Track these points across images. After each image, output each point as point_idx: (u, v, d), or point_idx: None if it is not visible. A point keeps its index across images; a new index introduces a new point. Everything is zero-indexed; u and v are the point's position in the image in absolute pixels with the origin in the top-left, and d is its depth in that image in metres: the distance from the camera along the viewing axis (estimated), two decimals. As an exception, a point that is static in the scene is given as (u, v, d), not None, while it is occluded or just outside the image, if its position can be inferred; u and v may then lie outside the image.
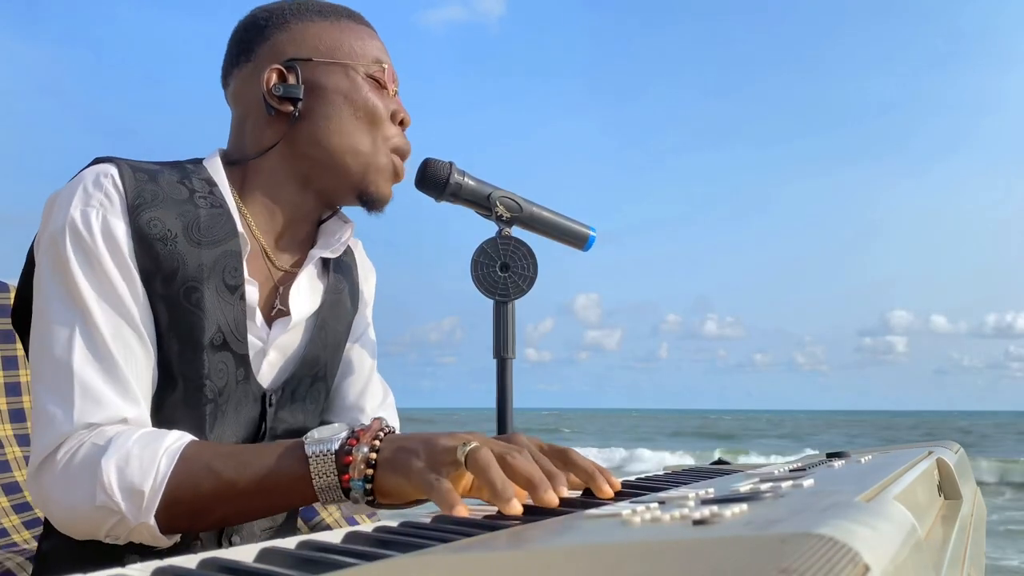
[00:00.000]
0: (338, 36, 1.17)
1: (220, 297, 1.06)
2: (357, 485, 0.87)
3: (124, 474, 0.92)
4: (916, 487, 0.78)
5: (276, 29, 1.17)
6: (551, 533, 0.49)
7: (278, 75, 1.14)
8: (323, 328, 1.21)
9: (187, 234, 1.04)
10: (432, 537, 0.58)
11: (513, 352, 1.44)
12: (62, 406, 0.96)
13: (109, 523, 0.93)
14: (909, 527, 0.44)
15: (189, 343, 1.04)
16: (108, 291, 1.00)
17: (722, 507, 0.46)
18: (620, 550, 0.35)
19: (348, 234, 1.22)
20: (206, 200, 1.08)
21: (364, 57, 1.17)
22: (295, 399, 1.18)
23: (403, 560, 0.42)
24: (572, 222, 1.48)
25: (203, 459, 0.94)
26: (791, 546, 0.31)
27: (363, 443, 0.87)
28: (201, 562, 0.49)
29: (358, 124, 1.15)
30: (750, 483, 0.70)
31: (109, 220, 1.01)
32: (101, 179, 1.03)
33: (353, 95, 1.15)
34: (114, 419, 0.97)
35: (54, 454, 0.96)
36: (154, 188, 1.04)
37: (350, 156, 1.15)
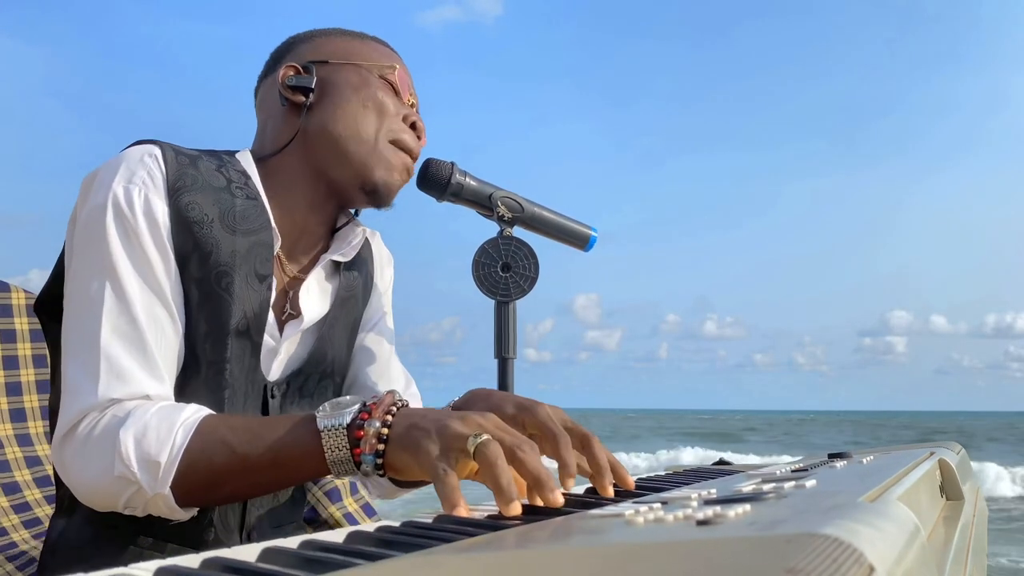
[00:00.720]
0: (358, 46, 1.23)
1: (249, 285, 1.08)
2: (368, 459, 0.87)
3: (141, 445, 0.93)
4: (919, 488, 0.78)
5: (301, 42, 1.24)
6: (554, 534, 0.49)
7: (294, 71, 1.20)
8: (332, 327, 1.23)
9: (223, 220, 1.06)
10: (435, 537, 0.58)
11: (515, 352, 1.44)
12: (88, 379, 0.98)
13: (127, 493, 0.95)
14: (912, 528, 0.44)
15: (216, 326, 1.06)
16: (144, 268, 1.02)
17: (725, 507, 0.46)
18: (624, 550, 0.35)
19: (360, 238, 1.25)
20: (242, 191, 1.11)
21: (388, 63, 1.22)
22: (303, 395, 1.20)
23: (406, 560, 0.42)
24: (573, 222, 1.48)
25: (218, 432, 0.95)
26: (796, 546, 0.31)
27: (375, 417, 0.87)
28: (204, 561, 0.49)
29: (365, 113, 1.18)
30: (752, 483, 0.69)
31: (151, 199, 1.03)
32: (145, 158, 1.05)
33: (363, 89, 1.19)
34: (137, 395, 0.99)
35: (76, 426, 0.98)
36: (194, 173, 1.07)
37: (353, 142, 1.17)
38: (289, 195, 1.18)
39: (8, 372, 1.67)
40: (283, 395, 1.17)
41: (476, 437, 0.79)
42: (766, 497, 0.54)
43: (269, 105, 1.22)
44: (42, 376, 1.72)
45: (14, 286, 1.73)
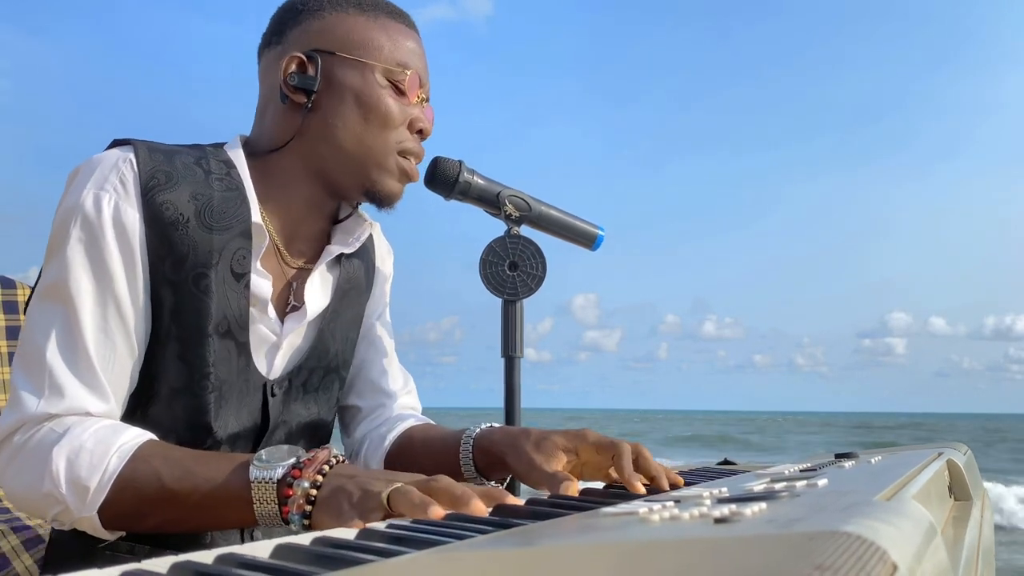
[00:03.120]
0: (369, 33, 1.15)
1: (227, 284, 1.06)
2: (295, 519, 0.86)
3: (73, 466, 0.92)
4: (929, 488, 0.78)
5: (310, 15, 1.16)
6: (568, 531, 0.48)
7: (298, 64, 1.13)
8: (334, 320, 1.22)
9: (199, 218, 1.04)
10: (447, 534, 0.58)
11: (521, 351, 1.44)
12: (30, 391, 0.97)
13: (54, 510, 0.94)
14: (929, 526, 0.44)
15: (195, 329, 1.04)
16: (103, 282, 1.00)
17: (741, 506, 0.46)
18: (643, 548, 0.35)
19: (366, 233, 1.23)
20: (222, 182, 1.08)
21: (390, 59, 1.15)
22: (307, 391, 1.19)
23: (418, 557, 0.42)
24: (581, 221, 1.48)
25: (152, 462, 0.93)
26: (820, 544, 0.30)
27: (304, 478, 0.86)
28: (218, 557, 0.49)
29: (367, 125, 1.14)
30: (763, 483, 0.69)
31: (121, 206, 1.01)
32: (119, 163, 1.02)
33: (366, 96, 1.13)
34: (76, 411, 0.97)
35: (11, 436, 0.97)
36: (168, 170, 1.04)
37: (356, 155, 1.14)
38: (285, 192, 1.15)
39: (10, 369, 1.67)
40: (285, 392, 1.15)
41: (389, 485, 0.80)
42: (780, 496, 0.54)
43: (270, 86, 1.17)
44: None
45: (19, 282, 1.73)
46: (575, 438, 1.06)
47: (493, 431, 1.16)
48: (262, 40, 1.20)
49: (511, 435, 1.12)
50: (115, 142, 1.08)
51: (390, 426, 1.29)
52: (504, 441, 1.12)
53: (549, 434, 1.08)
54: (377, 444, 1.29)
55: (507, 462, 1.10)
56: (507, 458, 1.10)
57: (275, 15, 1.20)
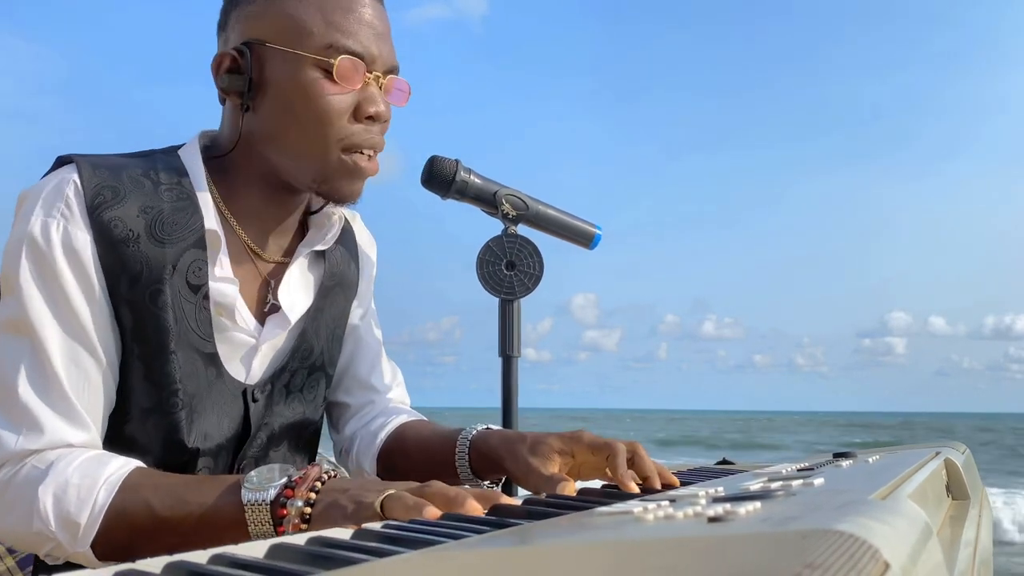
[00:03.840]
0: (308, 14, 1.03)
1: (183, 297, 1.03)
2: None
3: (61, 504, 0.91)
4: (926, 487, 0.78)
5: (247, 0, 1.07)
6: (563, 530, 0.48)
7: (230, 61, 1.06)
8: (318, 319, 1.19)
9: (150, 232, 1.00)
10: (442, 534, 0.58)
11: (519, 351, 1.44)
12: (6, 429, 0.95)
13: (46, 548, 0.93)
14: (924, 525, 0.44)
15: (156, 347, 1.02)
16: (64, 310, 0.98)
17: (735, 505, 0.46)
18: (637, 547, 0.35)
19: (337, 227, 1.19)
20: (172, 192, 1.03)
21: (322, 46, 1.03)
22: (291, 391, 1.17)
23: (413, 557, 0.42)
24: (578, 220, 1.48)
25: (141, 493, 0.92)
26: (812, 542, 0.30)
27: (298, 496, 0.86)
28: (212, 557, 0.49)
29: (303, 126, 1.05)
30: (759, 482, 0.69)
31: (70, 231, 0.98)
32: (62, 186, 0.99)
33: (299, 91, 1.04)
34: (57, 444, 0.96)
35: None
36: (115, 185, 1.00)
37: (297, 159, 1.07)
38: (247, 191, 1.11)
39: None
40: (267, 396, 1.13)
41: (381, 493, 0.81)
42: (775, 495, 0.53)
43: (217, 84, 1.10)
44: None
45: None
46: (570, 440, 1.06)
47: (490, 435, 1.15)
48: (217, 27, 1.13)
49: (508, 440, 1.11)
50: (59, 160, 1.04)
51: (381, 423, 1.28)
52: (501, 446, 1.11)
53: (545, 437, 1.08)
54: (369, 442, 1.27)
55: (504, 466, 1.10)
56: (504, 463, 1.10)
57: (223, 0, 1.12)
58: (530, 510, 0.73)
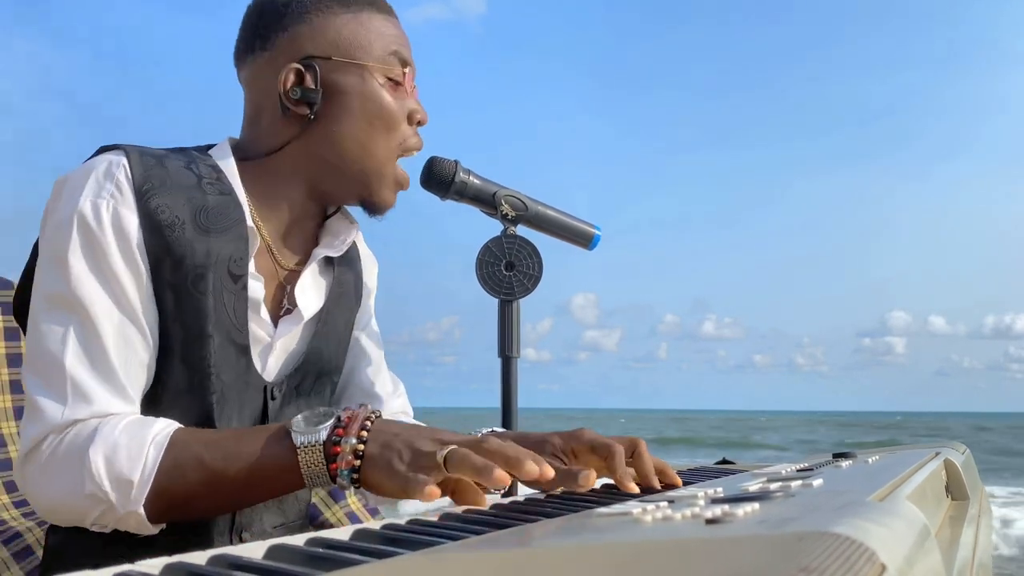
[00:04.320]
0: (359, 31, 1.14)
1: (224, 286, 1.05)
2: (344, 475, 0.89)
3: (112, 464, 0.92)
4: (925, 488, 0.78)
5: (296, 20, 1.13)
6: (562, 531, 0.48)
7: (296, 75, 1.12)
8: (326, 324, 1.21)
9: (195, 221, 1.04)
10: (441, 535, 0.58)
11: (518, 351, 1.44)
12: (52, 400, 0.96)
13: (96, 512, 0.94)
14: (921, 527, 0.44)
15: (195, 331, 1.04)
16: (112, 285, 1.00)
17: (733, 506, 0.46)
18: (634, 548, 0.35)
19: (352, 235, 1.22)
20: (213, 187, 1.07)
21: (384, 55, 1.14)
22: (300, 394, 1.18)
23: (413, 557, 0.42)
24: (578, 221, 1.48)
25: (191, 448, 0.94)
26: (808, 545, 0.30)
27: (350, 434, 0.89)
28: (211, 558, 0.49)
29: (372, 130, 1.13)
30: (758, 483, 0.69)
31: (120, 211, 1.00)
32: (112, 169, 1.02)
33: (369, 99, 1.13)
34: (101, 414, 0.97)
35: (39, 445, 0.96)
36: (162, 173, 1.04)
37: (361, 161, 1.14)
38: (276, 195, 1.14)
39: (12, 370, 1.67)
40: (283, 395, 1.15)
41: (443, 449, 0.84)
42: (774, 496, 0.54)
43: (262, 94, 1.15)
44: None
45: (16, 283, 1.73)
46: (571, 439, 1.06)
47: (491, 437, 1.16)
48: (241, 43, 1.18)
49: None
50: (103, 148, 1.07)
51: None
52: None
53: (547, 436, 1.08)
54: None
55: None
56: None
57: (252, 18, 1.17)
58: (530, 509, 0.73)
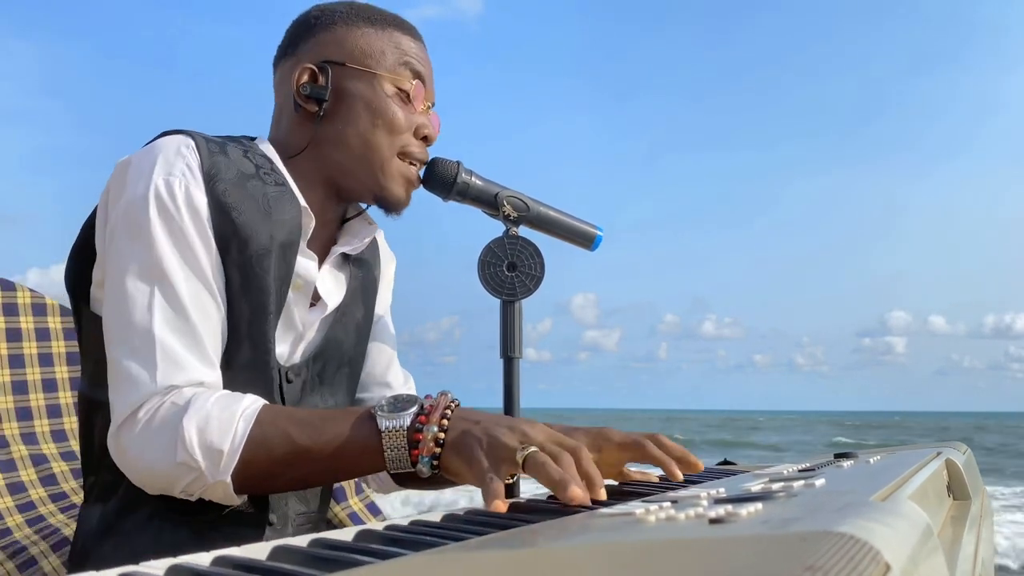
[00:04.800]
0: (377, 44, 1.20)
1: (280, 269, 1.11)
2: (424, 461, 0.93)
3: (204, 434, 0.97)
4: (927, 487, 0.78)
5: (322, 29, 1.22)
6: (564, 532, 0.49)
7: (309, 74, 1.19)
8: (345, 316, 1.26)
9: (256, 205, 1.09)
10: (443, 536, 0.58)
11: (520, 351, 1.44)
12: (145, 368, 1.00)
13: (186, 479, 0.98)
14: (924, 527, 0.44)
15: (259, 308, 1.09)
16: (189, 258, 1.04)
17: (737, 506, 0.46)
18: (637, 549, 0.35)
19: (371, 235, 1.28)
20: (270, 176, 1.13)
21: (396, 69, 1.20)
22: (323, 382, 1.23)
23: (416, 558, 0.42)
24: (579, 222, 1.48)
25: (279, 424, 0.99)
26: (813, 544, 0.30)
27: (432, 422, 0.93)
28: (215, 559, 0.49)
29: (375, 130, 1.18)
30: (761, 483, 0.69)
31: (191, 190, 1.05)
32: (182, 148, 1.07)
33: (376, 105, 1.18)
34: (193, 382, 1.02)
35: (135, 413, 1.00)
36: (225, 161, 1.09)
37: (365, 159, 1.19)
38: (307, 193, 1.19)
39: (14, 371, 1.67)
40: (303, 381, 1.19)
41: (524, 449, 0.86)
42: (777, 496, 0.54)
43: (284, 95, 1.23)
44: (48, 375, 1.72)
45: (19, 285, 1.73)
46: (598, 437, 1.08)
47: None
48: (277, 52, 1.26)
49: None
50: (165, 133, 1.11)
51: None
52: None
53: (572, 431, 1.09)
54: None
55: None
56: None
57: (290, 28, 1.26)
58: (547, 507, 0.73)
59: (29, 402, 1.68)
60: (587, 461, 0.86)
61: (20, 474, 1.62)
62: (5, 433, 1.64)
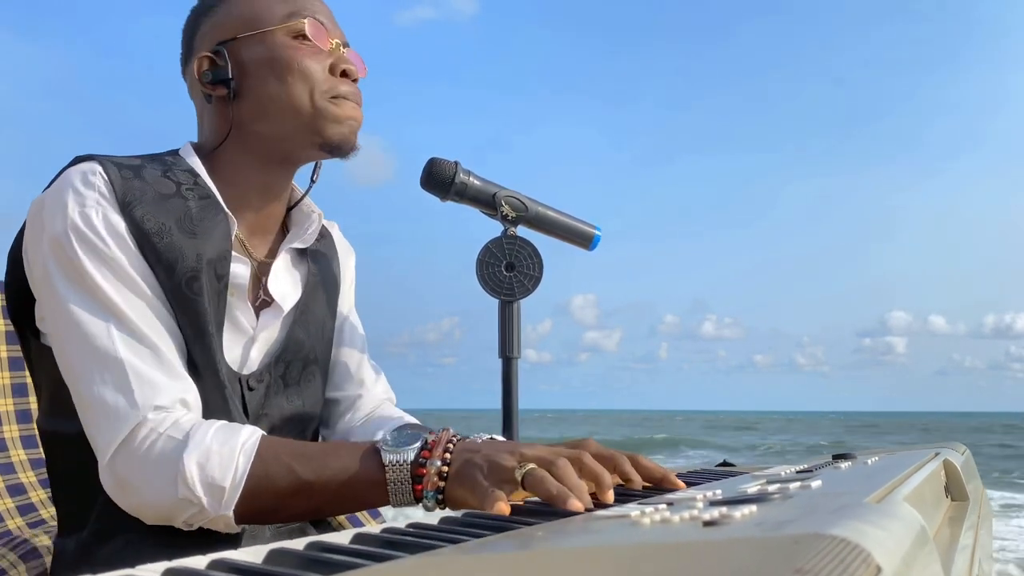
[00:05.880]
0: (258, 3, 1.16)
1: (211, 286, 1.08)
2: (429, 495, 0.93)
3: (205, 470, 0.96)
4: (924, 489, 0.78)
5: (205, 17, 1.19)
6: (560, 534, 0.49)
7: (208, 62, 1.16)
8: (305, 313, 1.23)
9: (181, 226, 1.06)
10: (440, 538, 0.58)
11: (519, 352, 1.44)
12: (122, 395, 0.99)
13: (187, 513, 0.97)
14: (919, 528, 0.44)
15: (198, 331, 1.06)
16: (128, 282, 1.02)
17: (731, 508, 0.46)
18: (631, 551, 0.35)
19: (316, 224, 1.24)
20: (193, 192, 1.09)
21: (285, 18, 1.15)
22: (288, 384, 1.20)
23: (412, 561, 0.42)
24: (578, 221, 1.48)
25: (281, 459, 0.98)
26: (804, 547, 0.31)
27: (435, 456, 0.93)
28: (211, 563, 0.49)
29: (288, 85, 1.13)
30: (757, 484, 0.70)
31: (109, 217, 1.02)
32: (90, 177, 1.04)
33: (276, 59, 1.14)
34: (175, 400, 1.01)
35: (128, 443, 0.98)
36: (141, 184, 1.06)
37: (289, 115, 1.14)
38: (239, 184, 1.16)
39: (14, 373, 1.68)
40: (266, 386, 1.16)
41: (522, 467, 0.86)
42: (772, 498, 0.54)
43: (197, 97, 1.19)
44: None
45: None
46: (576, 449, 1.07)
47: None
48: (180, 62, 1.23)
49: None
50: (76, 159, 1.08)
51: (376, 426, 1.29)
52: None
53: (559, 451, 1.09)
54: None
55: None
56: None
57: (182, 34, 1.23)
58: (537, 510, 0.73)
59: (29, 405, 1.68)
60: (591, 463, 0.87)
61: (20, 477, 1.62)
62: (5, 436, 1.64)
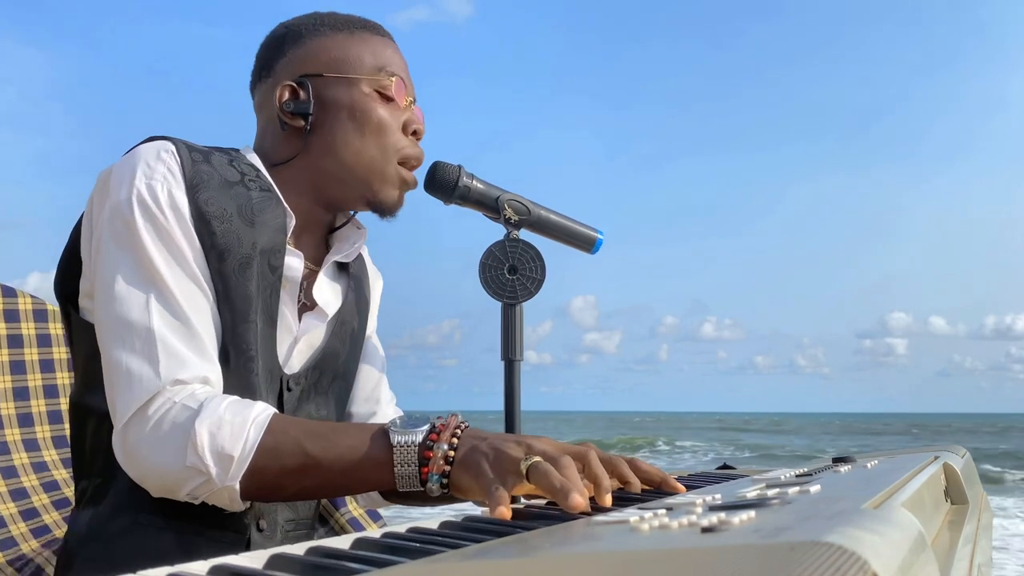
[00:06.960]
0: (349, 49, 1.21)
1: (264, 276, 1.11)
2: (434, 479, 0.94)
3: (216, 439, 0.97)
4: (923, 493, 0.78)
5: (292, 45, 1.22)
6: (559, 540, 0.49)
7: (290, 92, 1.20)
8: (343, 325, 1.26)
9: (241, 214, 1.09)
10: (441, 543, 0.59)
11: (521, 354, 1.44)
12: (148, 365, 1.00)
13: (194, 483, 0.98)
14: (916, 534, 0.44)
15: (240, 316, 1.09)
16: (179, 258, 1.05)
17: (730, 514, 0.47)
18: (629, 558, 0.36)
19: (362, 241, 1.28)
20: (255, 183, 1.13)
21: (372, 69, 1.21)
22: (318, 392, 1.23)
23: (412, 566, 0.42)
24: (580, 225, 1.48)
25: (291, 434, 0.99)
26: (800, 554, 0.31)
27: (443, 441, 0.94)
28: (212, 568, 0.49)
29: (364, 137, 1.19)
30: (756, 489, 0.70)
31: (174, 194, 1.05)
32: (162, 154, 1.07)
33: (358, 109, 1.19)
34: (198, 377, 1.02)
35: (144, 410, 1.00)
36: (208, 169, 1.09)
37: (357, 166, 1.19)
38: (292, 196, 1.19)
39: (15, 377, 1.68)
40: (302, 389, 1.19)
41: (528, 459, 0.86)
42: (770, 503, 0.54)
43: (267, 116, 1.23)
44: (48, 381, 1.72)
45: (20, 291, 1.74)
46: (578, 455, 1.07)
47: None
48: (252, 76, 1.27)
49: None
50: (151, 138, 1.11)
51: None
52: None
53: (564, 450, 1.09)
54: None
55: None
56: None
57: (260, 51, 1.26)
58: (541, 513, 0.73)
59: (31, 408, 1.68)
60: (595, 464, 0.87)
61: (22, 480, 1.62)
62: (7, 439, 1.64)
